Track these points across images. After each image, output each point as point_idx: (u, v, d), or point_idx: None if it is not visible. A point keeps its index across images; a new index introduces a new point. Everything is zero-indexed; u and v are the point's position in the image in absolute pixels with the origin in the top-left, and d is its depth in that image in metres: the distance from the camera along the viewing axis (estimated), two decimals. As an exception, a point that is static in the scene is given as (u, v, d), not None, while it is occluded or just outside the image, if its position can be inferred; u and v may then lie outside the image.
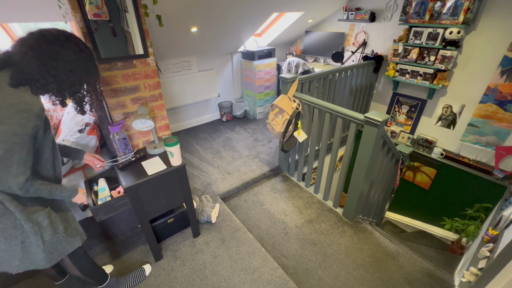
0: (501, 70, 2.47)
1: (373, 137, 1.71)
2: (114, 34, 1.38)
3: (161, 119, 1.78)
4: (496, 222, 1.89)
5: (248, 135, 3.50)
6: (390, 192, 2.99)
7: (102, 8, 1.26)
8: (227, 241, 1.91)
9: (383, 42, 3.32)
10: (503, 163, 2.69)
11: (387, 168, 2.42)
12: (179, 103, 3.43)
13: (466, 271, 1.64)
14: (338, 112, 1.91)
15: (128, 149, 1.59)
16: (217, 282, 1.62)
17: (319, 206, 2.35)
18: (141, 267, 1.67)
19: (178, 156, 1.49)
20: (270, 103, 3.97)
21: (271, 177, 2.76)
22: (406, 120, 3.42)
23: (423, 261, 1.88)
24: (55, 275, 1.38)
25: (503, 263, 1.32)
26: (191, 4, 2.28)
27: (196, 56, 3.36)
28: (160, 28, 2.30)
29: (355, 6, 3.41)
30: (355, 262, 1.85)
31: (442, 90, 2.95)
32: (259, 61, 3.58)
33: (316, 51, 4.00)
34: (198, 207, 2.09)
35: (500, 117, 2.60)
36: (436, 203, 3.46)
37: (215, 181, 2.56)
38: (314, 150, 2.40)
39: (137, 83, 1.57)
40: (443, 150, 3.13)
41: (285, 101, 2.18)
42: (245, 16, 2.85)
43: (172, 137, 1.47)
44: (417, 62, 2.87)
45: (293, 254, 1.90)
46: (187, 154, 3.05)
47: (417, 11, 2.69)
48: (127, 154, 1.58)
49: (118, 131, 1.49)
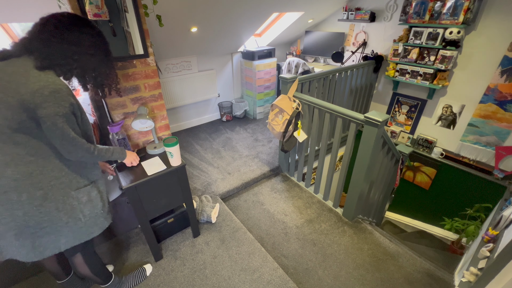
0: (501, 70, 2.47)
1: (373, 137, 1.71)
2: (114, 34, 1.38)
3: (161, 119, 1.78)
4: (496, 222, 1.89)
5: (248, 135, 3.50)
6: (390, 192, 2.99)
7: (102, 8, 1.26)
8: (227, 241, 1.91)
9: (383, 42, 3.32)
10: (503, 163, 2.69)
11: (387, 168, 2.42)
12: (179, 103, 3.43)
13: (466, 271, 1.64)
14: (338, 112, 1.91)
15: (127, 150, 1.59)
16: (217, 282, 1.62)
17: (319, 206, 2.35)
18: (142, 267, 1.67)
19: (178, 156, 1.49)
20: (270, 103, 3.97)
21: (271, 177, 2.75)
22: (406, 120, 3.42)
23: (423, 261, 1.88)
24: (59, 273, 1.38)
25: (503, 263, 1.32)
26: (191, 4, 2.28)
27: (196, 56, 3.36)
28: (160, 28, 2.30)
29: (355, 6, 3.41)
30: (355, 262, 1.85)
31: (442, 90, 2.95)
32: (259, 61, 3.58)
33: (316, 51, 4.00)
34: (198, 207, 2.09)
35: (500, 117, 2.60)
36: (436, 203, 3.46)
37: (215, 181, 2.56)
38: (314, 150, 2.40)
39: (137, 83, 1.57)
40: (443, 150, 3.13)
41: (285, 101, 2.18)
42: (245, 16, 2.85)
43: (172, 137, 1.46)
44: (417, 62, 2.87)
45: (293, 254, 1.90)
46: (187, 154, 3.05)
47: (417, 11, 2.69)
48: None
49: (118, 131, 1.49)
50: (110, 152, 1.21)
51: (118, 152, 1.28)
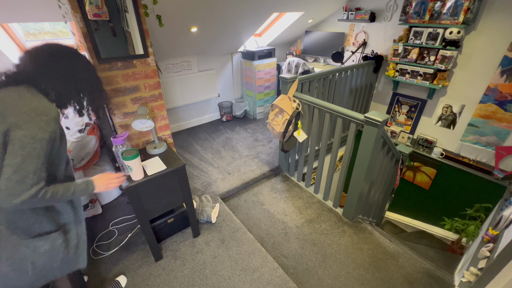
0: (501, 70, 2.47)
1: (373, 137, 1.71)
2: (114, 34, 1.37)
3: (161, 119, 1.78)
4: (496, 222, 1.89)
5: (248, 135, 3.50)
6: (390, 192, 2.99)
7: (102, 8, 1.26)
8: (227, 241, 1.91)
9: (383, 42, 3.32)
10: (503, 163, 2.69)
11: (387, 168, 2.42)
12: (179, 103, 3.43)
13: (466, 271, 1.64)
14: (338, 112, 1.91)
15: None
16: (217, 282, 1.62)
17: (319, 206, 2.35)
18: (115, 280, 1.59)
19: (139, 169, 1.39)
20: (270, 103, 3.96)
21: (271, 177, 2.75)
22: (406, 120, 3.42)
23: (423, 261, 1.88)
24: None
25: (503, 263, 1.32)
26: (191, 4, 2.28)
27: (196, 56, 3.36)
28: (160, 28, 2.30)
29: (355, 6, 3.41)
30: (355, 262, 1.85)
31: (442, 90, 2.94)
32: (259, 61, 3.58)
33: (316, 51, 4.00)
34: (198, 207, 2.09)
35: (500, 117, 2.60)
36: (436, 203, 3.46)
37: (215, 181, 2.56)
38: (314, 150, 2.40)
39: (137, 83, 1.57)
40: (443, 150, 3.13)
41: (285, 101, 2.18)
42: (245, 16, 2.85)
43: (132, 149, 1.38)
44: (417, 62, 2.87)
45: (293, 254, 1.90)
46: (187, 154, 3.05)
47: (417, 11, 2.69)
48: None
49: (122, 143, 1.42)
50: (70, 191, 0.98)
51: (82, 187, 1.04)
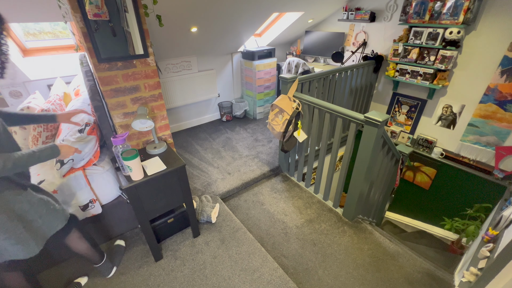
0: (501, 70, 2.47)
1: (373, 137, 1.71)
2: (114, 34, 1.37)
3: (161, 119, 1.78)
4: (496, 222, 1.89)
5: (248, 135, 3.50)
6: (390, 192, 2.99)
7: (102, 8, 1.26)
8: (227, 241, 1.91)
9: (383, 42, 3.32)
10: (503, 163, 2.69)
11: (387, 168, 2.42)
12: (179, 103, 3.43)
13: (466, 271, 1.64)
14: (338, 112, 1.91)
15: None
16: (217, 282, 1.62)
17: (319, 206, 2.35)
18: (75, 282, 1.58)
19: (139, 170, 1.40)
20: (270, 103, 3.97)
21: (271, 177, 2.75)
22: (406, 120, 3.42)
23: (423, 261, 1.88)
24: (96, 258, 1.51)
25: (503, 263, 1.32)
26: (191, 4, 2.28)
27: (196, 56, 3.36)
28: (160, 28, 2.31)
29: (355, 6, 3.41)
30: (355, 262, 1.85)
31: (442, 90, 2.94)
32: (259, 61, 3.58)
33: (316, 51, 4.00)
34: (198, 207, 2.09)
35: (500, 117, 2.60)
36: (436, 203, 3.46)
37: (215, 181, 2.56)
38: (314, 150, 2.40)
39: (137, 83, 1.57)
40: (443, 150, 3.13)
41: (285, 101, 2.18)
42: (245, 16, 2.85)
43: (131, 149, 1.39)
44: (417, 62, 2.87)
45: (293, 254, 1.90)
46: (187, 154, 3.05)
47: (417, 11, 2.69)
48: None
49: (122, 143, 1.41)
50: (35, 156, 1.02)
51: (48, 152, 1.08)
